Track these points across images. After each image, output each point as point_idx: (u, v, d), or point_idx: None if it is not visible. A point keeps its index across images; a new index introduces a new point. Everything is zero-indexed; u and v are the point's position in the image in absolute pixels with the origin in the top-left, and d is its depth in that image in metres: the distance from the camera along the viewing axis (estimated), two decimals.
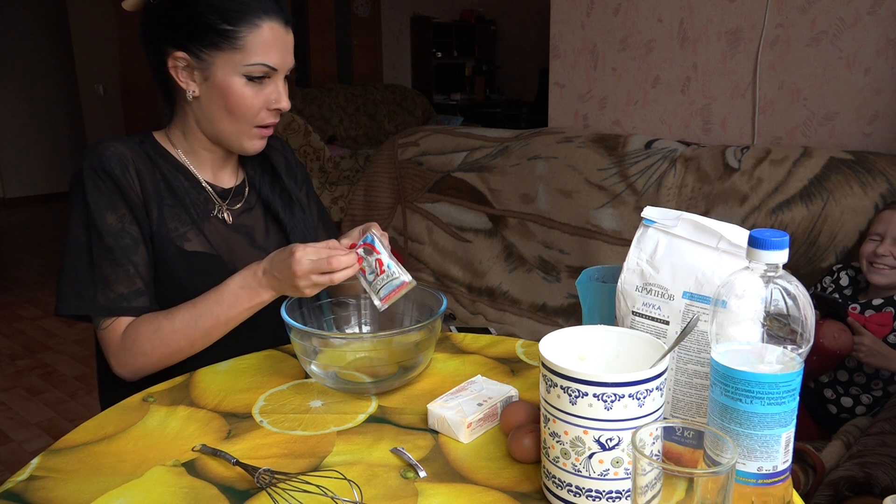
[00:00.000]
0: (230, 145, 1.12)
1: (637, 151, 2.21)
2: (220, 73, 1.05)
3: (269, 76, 1.06)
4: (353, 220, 2.84)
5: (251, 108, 1.07)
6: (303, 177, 1.32)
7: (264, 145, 1.14)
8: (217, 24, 1.02)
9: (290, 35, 1.08)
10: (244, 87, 1.05)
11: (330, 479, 0.77)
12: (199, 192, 1.14)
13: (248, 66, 1.04)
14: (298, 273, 0.95)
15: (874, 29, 1.98)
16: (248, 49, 1.03)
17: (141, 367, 1.05)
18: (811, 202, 1.86)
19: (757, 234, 0.63)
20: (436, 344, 1.04)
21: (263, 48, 1.04)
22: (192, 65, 1.05)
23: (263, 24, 1.03)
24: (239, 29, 1.02)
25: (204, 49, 1.04)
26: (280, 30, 1.05)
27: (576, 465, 0.68)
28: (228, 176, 1.20)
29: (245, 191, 1.20)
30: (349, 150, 5.30)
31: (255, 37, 1.03)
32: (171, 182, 1.11)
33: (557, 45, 2.68)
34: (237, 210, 1.18)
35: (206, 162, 1.16)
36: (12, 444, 2.50)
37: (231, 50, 1.03)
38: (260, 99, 1.07)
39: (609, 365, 0.78)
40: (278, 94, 1.08)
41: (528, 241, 2.39)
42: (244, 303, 1.02)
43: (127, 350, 1.04)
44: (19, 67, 6.06)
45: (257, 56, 1.04)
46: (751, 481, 0.66)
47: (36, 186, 6.32)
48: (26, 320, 3.66)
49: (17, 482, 0.78)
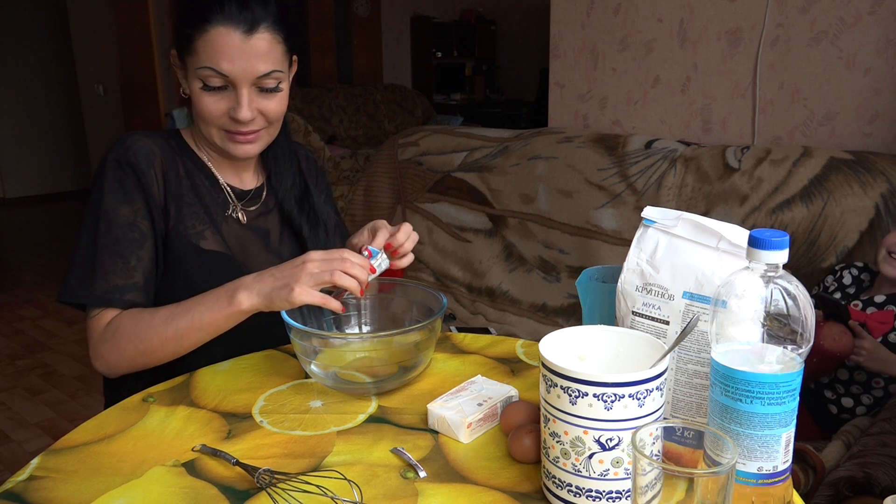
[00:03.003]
0: (216, 149, 1.12)
1: (637, 151, 2.21)
2: (189, 76, 1.06)
3: (231, 84, 1.03)
4: (353, 220, 2.84)
5: (211, 114, 1.06)
6: (323, 185, 1.32)
7: (253, 151, 1.11)
8: (182, 28, 1.04)
9: (257, 41, 1.02)
10: (201, 92, 1.04)
11: (330, 479, 0.77)
12: (217, 192, 1.15)
13: (198, 69, 1.03)
14: (307, 260, 0.92)
15: (874, 29, 1.98)
16: (199, 53, 1.02)
17: (115, 362, 1.02)
18: (811, 202, 1.86)
19: (757, 234, 0.63)
20: (436, 344, 1.04)
21: (210, 53, 1.01)
22: (178, 64, 1.08)
23: (212, 28, 1.01)
24: (193, 33, 1.02)
25: (180, 51, 1.06)
26: (234, 36, 1.01)
27: (576, 465, 0.68)
28: (249, 178, 1.20)
29: (263, 194, 1.21)
30: (349, 150, 5.30)
31: (203, 42, 1.02)
32: (194, 180, 1.12)
33: (557, 45, 2.68)
34: (253, 212, 1.18)
35: (224, 162, 1.17)
36: (12, 444, 2.50)
37: (190, 53, 1.04)
38: (220, 106, 1.05)
39: (609, 365, 0.78)
40: (237, 103, 1.04)
41: (528, 241, 2.39)
42: (221, 307, 0.96)
43: (105, 341, 1.02)
44: (19, 67, 6.06)
45: (204, 60, 1.02)
46: (751, 481, 0.66)
47: (36, 186, 6.33)
48: (26, 320, 3.66)
49: (17, 482, 0.78)
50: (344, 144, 5.65)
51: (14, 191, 6.23)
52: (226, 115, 1.06)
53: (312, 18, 6.40)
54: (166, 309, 1.00)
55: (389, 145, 2.80)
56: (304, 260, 0.93)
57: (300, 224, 1.21)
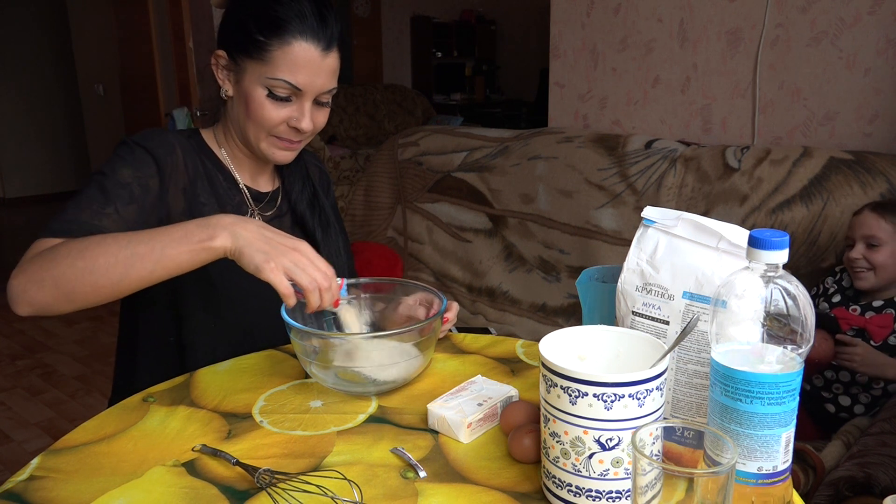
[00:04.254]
0: (254, 150, 1.13)
1: (637, 151, 2.21)
2: (247, 80, 1.06)
3: (296, 95, 1.06)
4: (353, 220, 2.84)
5: (269, 120, 1.07)
6: (330, 191, 1.34)
7: (291, 157, 1.14)
8: (253, 33, 1.04)
9: (331, 59, 1.07)
10: (265, 99, 1.06)
11: (330, 479, 0.77)
12: (235, 193, 1.16)
13: (270, 79, 1.04)
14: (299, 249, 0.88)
15: (874, 29, 1.98)
16: (275, 63, 1.04)
17: (37, 281, 0.87)
18: (811, 202, 1.86)
19: (757, 234, 0.63)
20: (436, 344, 1.04)
21: (290, 66, 1.03)
22: (229, 65, 1.09)
23: (295, 42, 1.03)
24: (270, 42, 1.03)
25: (238, 53, 1.06)
26: (314, 52, 1.04)
27: (576, 465, 0.68)
28: (265, 181, 1.21)
29: (278, 198, 1.22)
30: (349, 150, 5.30)
31: (283, 53, 1.03)
32: (213, 179, 1.13)
33: (557, 45, 2.68)
34: (268, 216, 1.20)
35: (244, 164, 1.18)
36: (12, 444, 2.50)
37: (260, 60, 1.04)
38: (281, 114, 1.07)
39: (609, 365, 0.78)
40: (300, 114, 1.07)
41: (528, 241, 2.39)
42: (191, 239, 0.86)
43: (37, 258, 0.88)
44: (19, 67, 6.06)
45: (282, 72, 1.04)
46: (751, 481, 0.66)
47: (36, 186, 6.33)
48: (26, 320, 3.66)
49: (17, 482, 0.78)
50: (344, 144, 5.65)
51: (14, 191, 6.24)
52: (283, 123, 1.08)
53: None
54: (120, 234, 0.89)
55: (389, 145, 2.80)
56: (296, 246, 0.89)
57: (313, 227, 1.22)
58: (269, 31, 1.03)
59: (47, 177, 6.36)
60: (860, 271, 1.62)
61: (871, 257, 1.60)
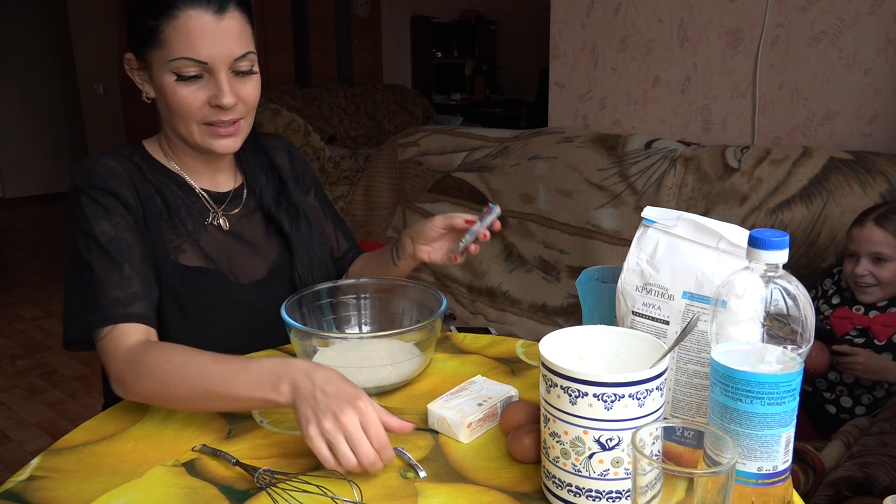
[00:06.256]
0: (196, 146, 1.05)
1: (637, 151, 2.21)
2: (156, 73, 1.00)
3: (206, 70, 0.98)
4: (353, 220, 2.84)
5: (189, 106, 0.99)
6: (309, 179, 1.27)
7: (235, 144, 1.05)
8: (144, 21, 0.97)
9: (229, 21, 0.98)
10: (175, 85, 0.98)
11: (330, 479, 0.77)
12: (193, 201, 1.10)
13: (171, 61, 0.96)
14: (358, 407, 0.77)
15: (874, 29, 1.98)
16: (170, 43, 0.96)
17: (135, 391, 0.91)
18: (811, 202, 1.86)
19: (757, 234, 0.63)
20: (436, 344, 1.04)
21: (184, 41, 0.95)
22: (140, 65, 1.03)
23: (182, 14, 0.95)
24: (158, 22, 0.96)
25: (142, 48, 1.00)
26: (205, 18, 0.96)
27: (576, 465, 0.68)
28: (225, 179, 1.15)
29: (243, 194, 1.16)
30: (349, 150, 5.30)
31: (174, 29, 0.95)
32: (165, 194, 1.07)
33: (557, 45, 2.68)
34: (235, 215, 1.13)
35: (196, 167, 1.11)
36: (12, 444, 2.50)
37: (157, 46, 0.97)
38: (198, 96, 0.99)
39: (609, 365, 0.78)
40: (218, 89, 0.98)
41: (528, 241, 2.39)
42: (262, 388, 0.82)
43: (129, 367, 0.91)
44: (19, 67, 6.06)
45: (179, 50, 0.96)
46: (751, 481, 0.66)
47: (36, 186, 6.32)
48: (26, 320, 3.66)
49: (17, 482, 0.78)
50: (344, 144, 5.65)
51: (14, 191, 6.23)
52: (205, 105, 1.00)
53: (312, 18, 6.40)
54: (200, 360, 0.88)
55: (389, 145, 2.80)
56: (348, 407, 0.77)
57: (280, 219, 1.16)
58: (157, 11, 0.96)
59: (47, 177, 6.36)
60: (866, 286, 1.61)
61: (877, 273, 1.58)
